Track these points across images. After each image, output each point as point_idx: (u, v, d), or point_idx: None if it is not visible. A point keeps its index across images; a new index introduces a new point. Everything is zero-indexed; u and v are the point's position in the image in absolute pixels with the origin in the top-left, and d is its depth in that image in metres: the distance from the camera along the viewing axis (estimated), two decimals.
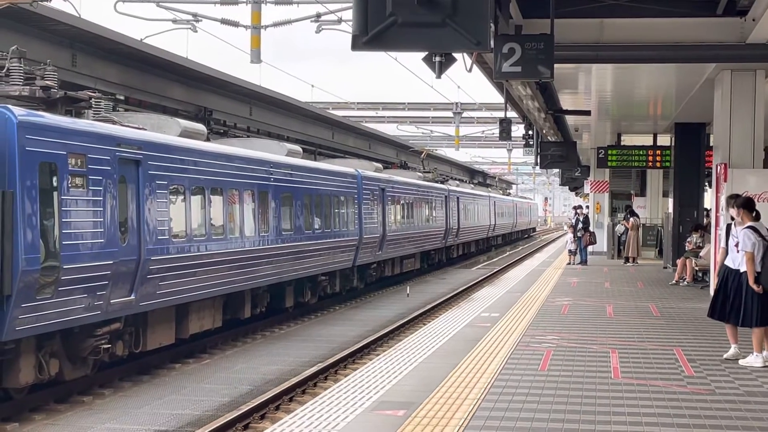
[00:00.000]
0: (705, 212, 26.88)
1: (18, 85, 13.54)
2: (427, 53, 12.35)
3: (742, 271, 12.01)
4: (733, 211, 12.40)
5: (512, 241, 76.12)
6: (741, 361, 12.12)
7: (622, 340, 14.16)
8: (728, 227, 12.57)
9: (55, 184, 13.11)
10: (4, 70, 13.56)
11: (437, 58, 12.11)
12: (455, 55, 12.70)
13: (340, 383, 11.09)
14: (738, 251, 12.05)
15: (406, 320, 22.81)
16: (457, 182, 52.84)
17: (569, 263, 32.65)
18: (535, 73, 12.21)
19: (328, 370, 16.68)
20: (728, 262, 12.32)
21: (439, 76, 12.73)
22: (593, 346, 13.60)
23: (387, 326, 21.98)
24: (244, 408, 13.19)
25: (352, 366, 17.13)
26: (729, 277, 12.21)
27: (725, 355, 12.46)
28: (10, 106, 12.55)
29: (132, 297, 14.95)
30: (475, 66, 15.98)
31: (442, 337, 14.60)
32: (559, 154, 30.34)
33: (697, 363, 12.20)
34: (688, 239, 25.08)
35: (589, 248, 33.55)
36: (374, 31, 7.88)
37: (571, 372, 11.48)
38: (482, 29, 7.76)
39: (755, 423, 8.90)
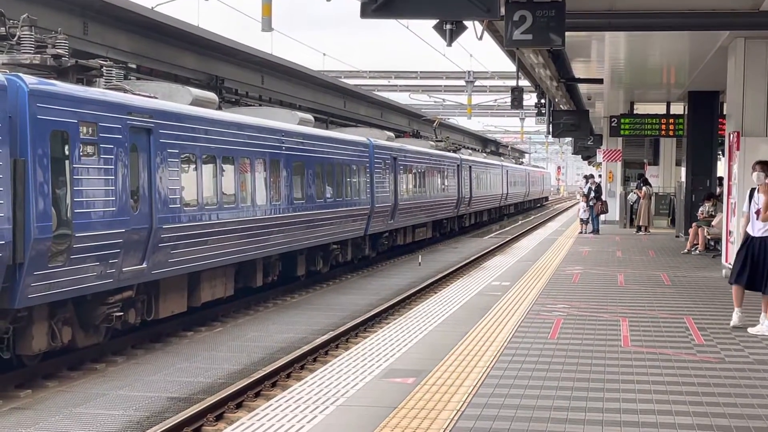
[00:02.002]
0: (718, 181, 26.79)
1: (29, 53, 13.54)
2: (437, 21, 12.32)
3: (760, 236, 12.02)
4: (757, 176, 12.32)
5: (525, 210, 76.06)
6: (751, 330, 12.13)
7: (632, 309, 14.17)
8: (751, 192, 12.50)
9: (66, 152, 13.14)
10: (15, 39, 13.56)
11: (448, 26, 12.09)
12: (466, 23, 12.67)
13: (351, 351, 11.13)
14: (758, 218, 12.03)
15: (417, 289, 22.85)
16: (470, 151, 52.76)
17: (581, 232, 32.62)
18: (546, 40, 12.14)
19: (340, 338, 16.74)
20: (748, 229, 12.29)
21: (449, 44, 12.72)
22: (603, 314, 13.61)
23: (398, 295, 22.03)
24: (256, 376, 13.26)
25: (363, 334, 17.20)
26: (754, 244, 12.17)
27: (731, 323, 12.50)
28: (21, 75, 12.56)
29: (144, 265, 15.02)
30: (486, 34, 15.92)
31: (453, 306, 14.64)
32: (571, 122, 30.23)
33: (707, 331, 12.20)
34: (701, 208, 25.03)
35: (602, 217, 33.52)
36: None
37: (581, 340, 11.50)
38: None
39: (764, 391, 8.91)
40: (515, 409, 8.11)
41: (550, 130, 30.72)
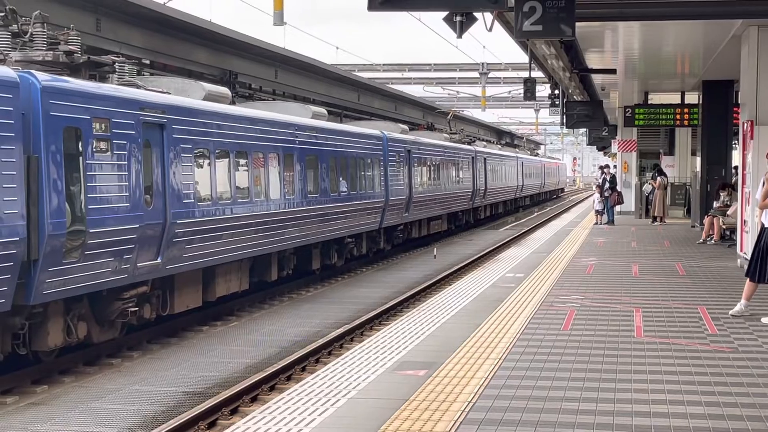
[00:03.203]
0: (733, 170, 26.68)
1: (41, 50, 13.60)
2: (447, 13, 12.31)
3: None
4: None
5: (540, 202, 75.91)
6: (764, 319, 12.10)
7: (646, 299, 14.15)
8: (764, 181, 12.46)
9: (79, 148, 13.19)
10: (28, 36, 13.62)
11: (458, 18, 12.08)
12: (476, 14, 12.66)
13: (364, 344, 11.16)
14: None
15: (432, 282, 22.87)
16: (484, 143, 52.69)
17: (596, 223, 32.56)
18: (556, 31, 12.11)
19: (354, 331, 16.78)
20: (763, 219, 12.25)
21: (460, 36, 12.71)
22: (617, 305, 13.60)
23: (413, 288, 22.05)
24: (270, 369, 13.31)
25: (377, 327, 17.23)
26: (765, 234, 12.14)
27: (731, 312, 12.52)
28: (33, 71, 12.62)
29: (158, 260, 15.08)
30: (498, 25, 15.89)
31: (466, 298, 14.65)
32: (585, 113, 30.16)
33: (721, 321, 12.18)
34: (716, 198, 24.93)
35: (617, 208, 33.44)
36: None
37: (594, 331, 11.50)
38: None
39: None
40: (527, 401, 8.12)
41: (564, 121, 30.66)
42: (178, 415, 11.05)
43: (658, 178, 32.22)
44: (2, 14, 13.49)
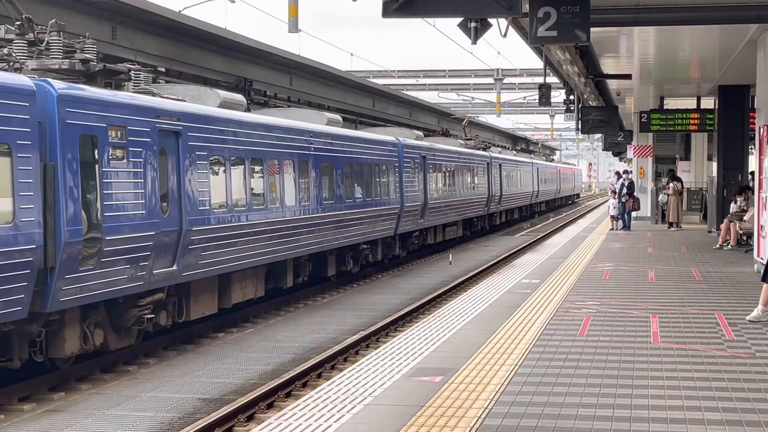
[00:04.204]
0: (750, 175, 26.58)
1: (58, 58, 13.66)
2: (462, 19, 12.31)
3: None
4: None
5: (556, 208, 75.78)
6: None
7: (662, 305, 14.10)
8: None
9: (95, 156, 13.24)
10: (44, 44, 13.68)
11: (472, 24, 12.07)
12: (490, 20, 12.65)
13: (379, 350, 11.16)
14: None
15: (447, 288, 22.84)
16: (500, 149, 52.63)
17: (612, 229, 32.48)
18: (571, 37, 12.10)
19: (370, 338, 16.78)
20: None
21: (474, 42, 12.70)
22: (633, 311, 13.55)
23: (428, 294, 22.03)
24: (286, 376, 13.31)
25: (393, 333, 17.22)
26: None
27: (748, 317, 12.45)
28: (50, 80, 12.67)
29: (174, 267, 15.11)
30: (513, 31, 15.88)
31: (482, 304, 14.63)
32: (600, 119, 30.11)
33: (738, 327, 12.13)
34: (733, 204, 24.84)
35: (633, 213, 33.34)
36: None
37: (610, 337, 11.46)
38: None
39: None
40: (543, 407, 8.10)
41: (580, 126, 30.61)
42: (194, 422, 11.06)
43: (671, 184, 32.11)
44: (19, 23, 13.56)
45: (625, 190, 32.58)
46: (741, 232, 23.31)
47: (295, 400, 11.52)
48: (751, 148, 30.25)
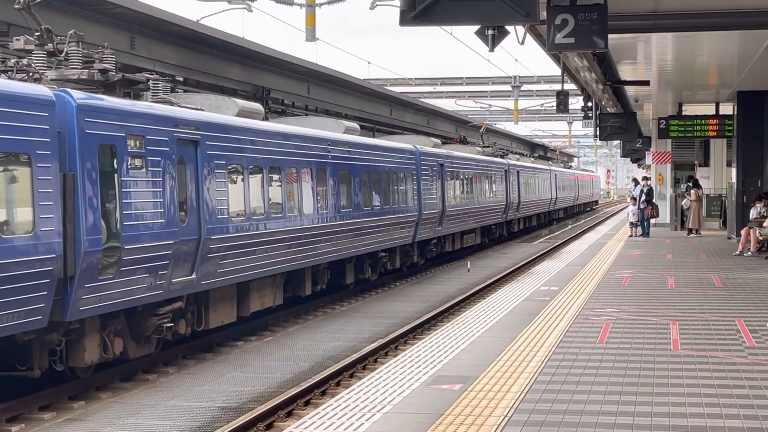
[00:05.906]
0: None
1: (77, 68, 13.73)
2: (479, 27, 12.32)
3: None
4: None
5: (574, 215, 75.60)
6: None
7: (682, 312, 14.04)
8: None
9: (114, 165, 13.29)
10: (63, 54, 13.76)
11: (490, 32, 12.08)
12: (508, 27, 12.66)
13: (398, 358, 11.15)
14: None
15: (466, 295, 22.81)
16: (518, 156, 52.59)
17: (631, 235, 32.38)
18: (589, 43, 12.07)
19: (388, 345, 16.77)
20: None
21: (492, 50, 12.71)
22: (653, 318, 13.50)
23: (447, 302, 22.01)
24: (305, 384, 13.32)
25: (411, 341, 17.20)
26: None
27: None
28: (69, 90, 12.74)
29: (193, 276, 15.14)
30: (530, 38, 15.87)
31: (501, 312, 14.60)
32: (618, 125, 30.01)
33: (759, 333, 12.06)
34: (752, 210, 24.72)
35: (652, 220, 33.22)
36: (422, 6, 7.88)
37: (630, 344, 11.42)
38: (531, 0, 7.71)
39: None
40: (563, 414, 8.07)
41: (598, 133, 30.52)
42: (213, 431, 11.07)
43: (692, 190, 31.98)
44: (38, 34, 13.65)
45: (643, 197, 32.45)
46: (761, 238, 23.20)
47: (314, 408, 11.53)
48: None
